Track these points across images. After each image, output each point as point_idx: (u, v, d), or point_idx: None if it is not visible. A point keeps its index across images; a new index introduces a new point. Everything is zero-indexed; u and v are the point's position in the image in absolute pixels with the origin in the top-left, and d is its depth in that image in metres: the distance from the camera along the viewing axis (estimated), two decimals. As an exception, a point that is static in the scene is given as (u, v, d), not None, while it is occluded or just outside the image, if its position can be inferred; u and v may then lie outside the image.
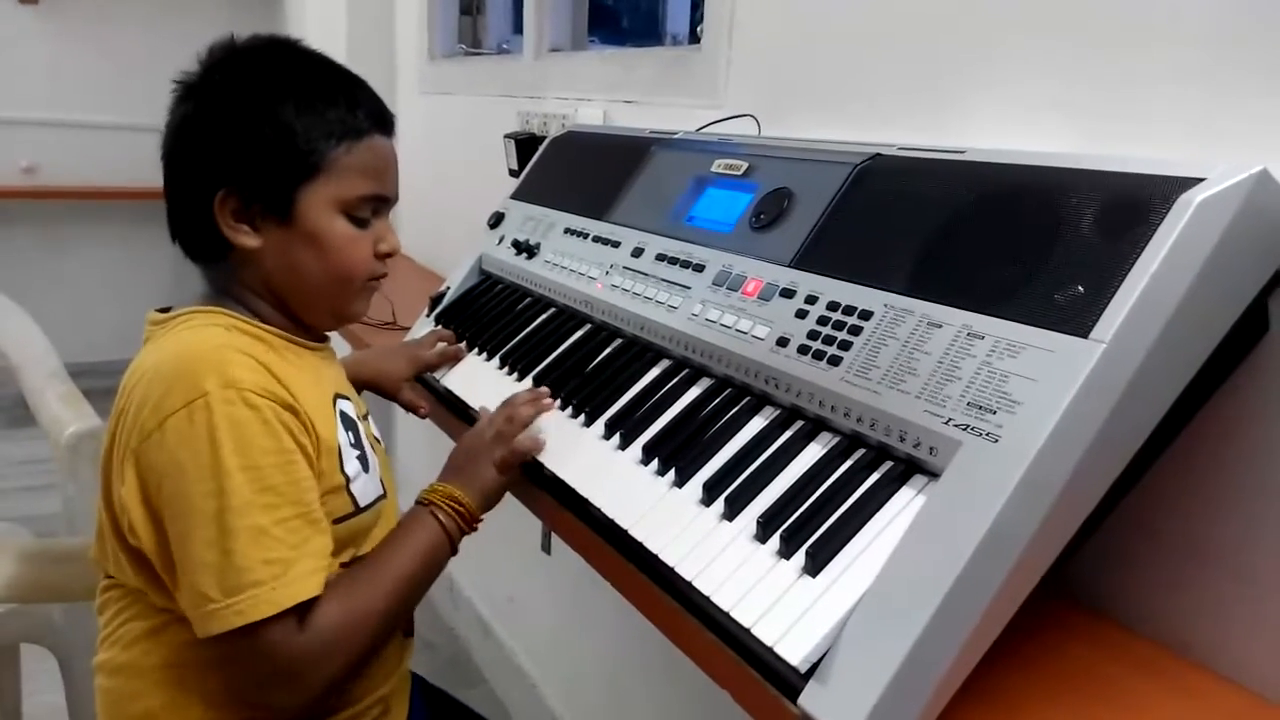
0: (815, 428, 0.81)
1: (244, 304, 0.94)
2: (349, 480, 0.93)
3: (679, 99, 1.47)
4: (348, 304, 0.97)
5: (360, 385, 1.16)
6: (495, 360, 1.21)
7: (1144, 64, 0.82)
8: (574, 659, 2.03)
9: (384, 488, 1.00)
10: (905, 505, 0.70)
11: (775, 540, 0.72)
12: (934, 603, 0.61)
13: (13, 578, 1.34)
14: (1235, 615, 0.75)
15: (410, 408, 1.23)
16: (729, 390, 0.90)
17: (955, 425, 0.67)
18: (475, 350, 1.25)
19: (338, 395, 0.97)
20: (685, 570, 0.75)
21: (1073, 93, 0.88)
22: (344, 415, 0.96)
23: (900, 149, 0.90)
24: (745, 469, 0.80)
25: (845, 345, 0.78)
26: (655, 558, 0.78)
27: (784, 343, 0.84)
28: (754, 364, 0.86)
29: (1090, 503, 0.67)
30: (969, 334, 0.70)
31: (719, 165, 1.08)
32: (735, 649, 0.68)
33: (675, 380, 0.96)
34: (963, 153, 0.83)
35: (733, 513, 0.77)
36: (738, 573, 0.72)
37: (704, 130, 1.28)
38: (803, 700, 0.63)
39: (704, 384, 0.94)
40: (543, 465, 0.97)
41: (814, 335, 0.82)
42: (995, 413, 0.65)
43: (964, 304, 0.72)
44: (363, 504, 0.95)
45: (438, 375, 1.26)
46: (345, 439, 0.94)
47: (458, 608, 2.57)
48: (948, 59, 1.02)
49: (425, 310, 1.41)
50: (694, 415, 0.90)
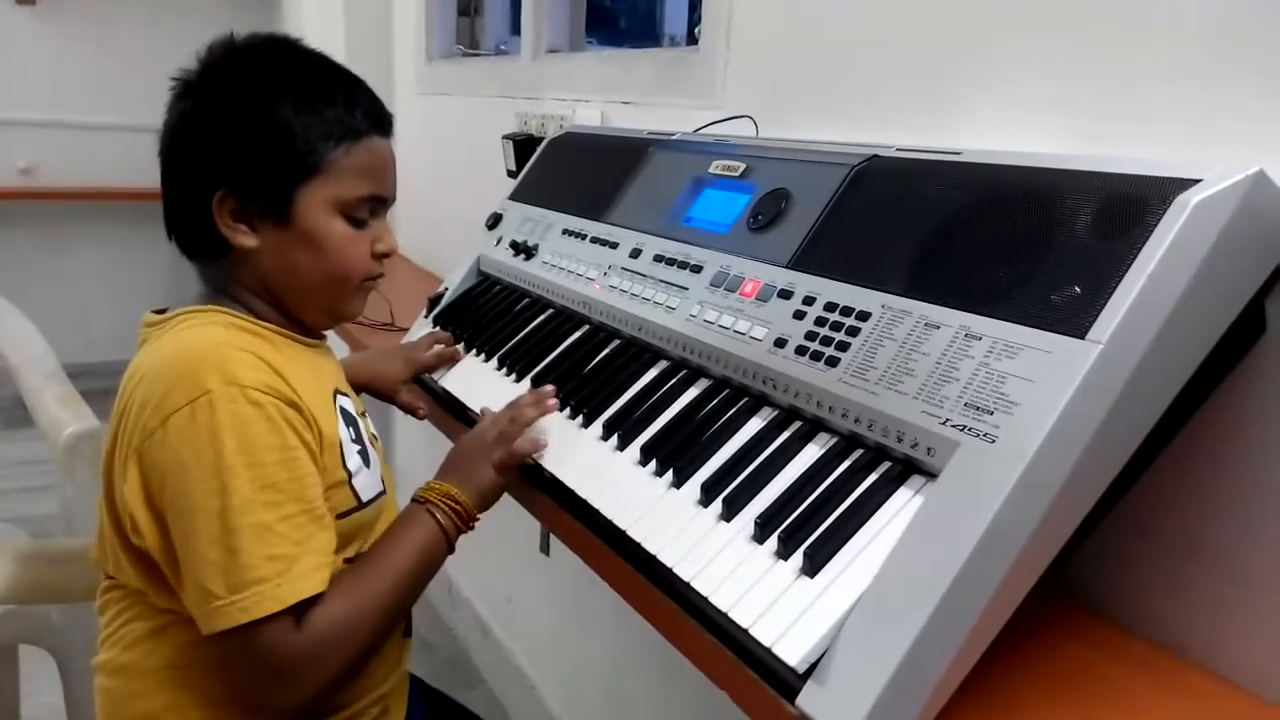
0: (813, 428, 0.81)
1: (241, 303, 0.94)
2: (351, 475, 0.93)
3: (677, 100, 1.47)
4: (344, 304, 0.98)
5: (357, 387, 1.16)
6: (493, 361, 1.21)
7: (1144, 64, 0.82)
8: (573, 660, 2.03)
9: (384, 485, 1.01)
10: (903, 506, 0.70)
11: (773, 541, 0.72)
12: (932, 603, 0.61)
13: (11, 579, 1.34)
14: (1232, 615, 0.75)
15: (409, 409, 1.23)
16: (727, 391, 0.90)
17: (953, 426, 0.67)
18: (473, 351, 1.25)
19: (337, 391, 0.97)
20: (683, 571, 0.75)
21: (1072, 93, 0.88)
22: (344, 411, 0.96)
23: (898, 150, 0.90)
24: (743, 469, 0.81)
25: (843, 346, 0.78)
26: (654, 558, 0.78)
27: (782, 343, 0.84)
28: (752, 365, 0.86)
29: (1088, 503, 0.67)
30: (966, 335, 0.70)
31: (717, 166, 1.08)
32: (733, 649, 0.68)
33: (673, 381, 0.96)
34: (959, 154, 0.83)
35: (731, 513, 0.77)
36: (736, 573, 0.72)
37: (702, 131, 1.28)
38: (801, 701, 0.63)
39: (702, 385, 0.94)
40: (541, 466, 0.97)
41: (812, 336, 0.82)
42: (993, 413, 0.65)
43: (961, 305, 0.72)
44: (365, 499, 0.95)
45: (436, 376, 1.26)
46: (346, 434, 0.94)
47: (456, 608, 2.57)
48: (947, 59, 1.02)
49: (423, 311, 1.41)
50: (692, 416, 0.90)
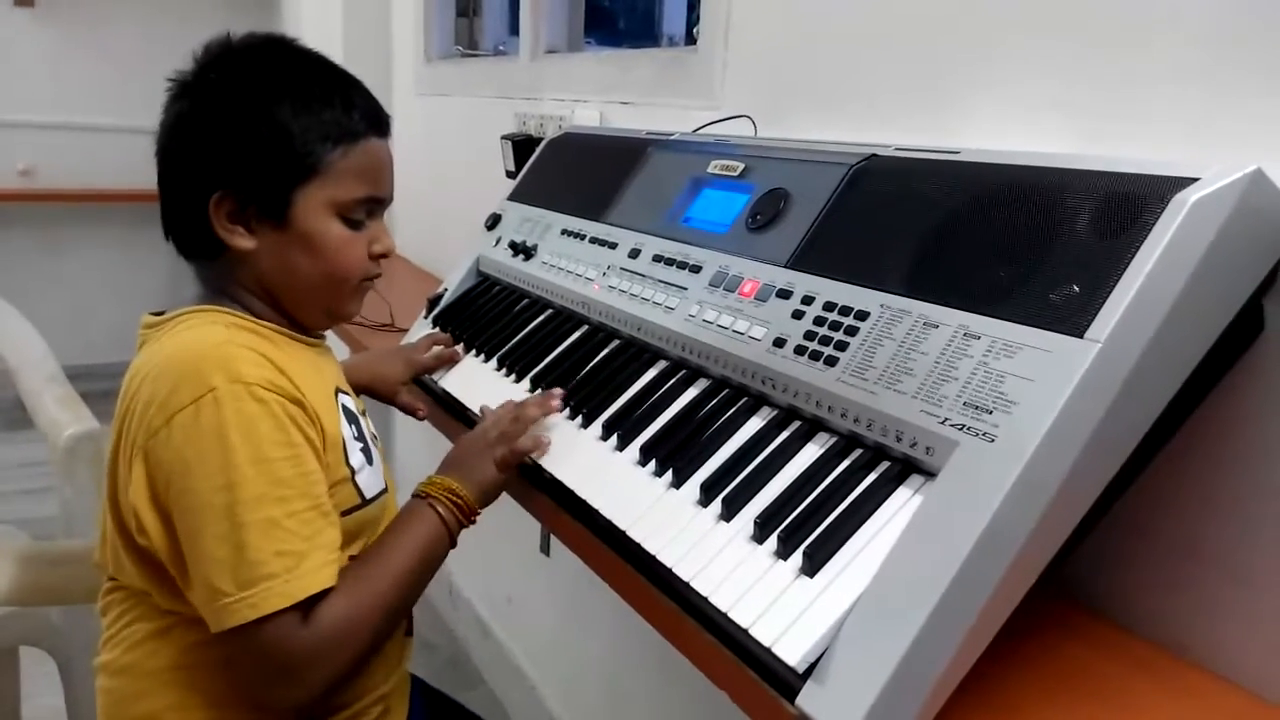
0: (812, 428, 0.81)
1: (239, 303, 0.94)
2: (354, 473, 0.93)
3: (675, 100, 1.47)
4: (342, 304, 0.98)
5: (357, 389, 1.16)
6: (493, 362, 1.21)
7: (1144, 64, 0.82)
8: (573, 660, 2.03)
9: (385, 483, 1.01)
10: (902, 505, 0.70)
11: (773, 540, 0.72)
12: (931, 602, 0.61)
13: (11, 580, 1.34)
14: (1231, 615, 0.75)
15: (408, 410, 1.23)
16: (726, 391, 0.90)
17: (952, 425, 0.67)
18: (473, 352, 1.25)
19: (338, 389, 0.97)
20: (683, 571, 0.75)
21: (1072, 93, 0.88)
22: (345, 409, 0.96)
23: (896, 149, 0.90)
24: (742, 469, 0.81)
25: (842, 345, 0.78)
26: (653, 558, 0.78)
27: (781, 343, 0.84)
28: (751, 364, 0.86)
29: (1086, 502, 0.67)
30: (965, 334, 0.70)
31: (715, 166, 1.08)
32: (733, 649, 0.68)
33: (672, 381, 0.96)
34: (958, 153, 0.83)
35: (730, 513, 0.77)
36: (735, 573, 0.72)
37: (700, 131, 1.28)
38: (800, 700, 0.63)
39: (701, 385, 0.94)
40: (541, 466, 0.97)
41: (811, 336, 0.82)
42: (992, 412, 0.65)
43: (960, 304, 0.72)
44: (368, 496, 0.95)
45: (435, 377, 1.26)
46: (349, 432, 0.94)
47: (457, 609, 2.57)
48: (946, 59, 1.02)
49: (423, 312, 1.41)
50: (691, 416, 0.90)
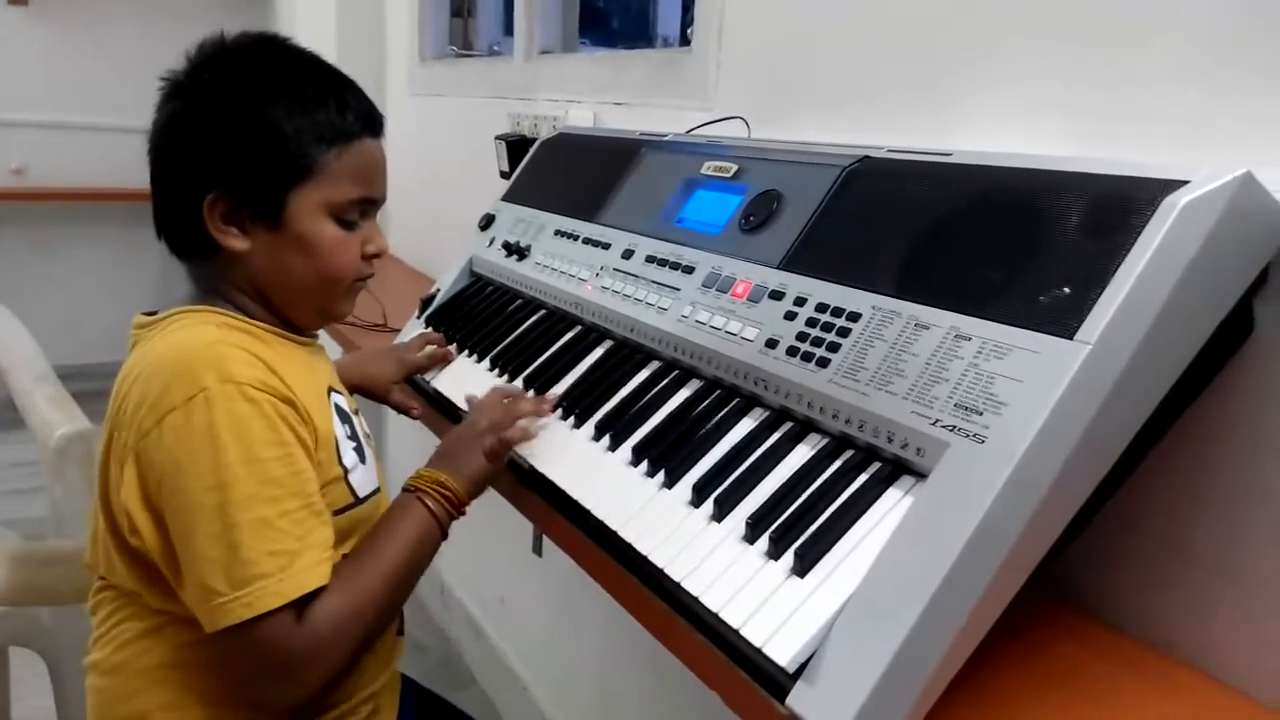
0: (804, 429, 0.81)
1: (232, 302, 0.94)
2: (347, 472, 0.93)
3: (669, 101, 1.48)
4: (335, 304, 0.98)
5: (349, 388, 1.16)
6: (486, 362, 1.21)
7: (1143, 64, 0.83)
8: (565, 660, 2.03)
9: (379, 481, 1.00)
10: (893, 506, 0.70)
11: (764, 541, 0.72)
12: (921, 603, 0.61)
13: (1, 581, 1.33)
14: (1221, 614, 0.76)
15: (402, 409, 1.23)
16: (718, 392, 0.91)
17: (943, 426, 0.67)
18: (465, 352, 1.25)
19: (331, 389, 0.97)
20: (674, 571, 0.76)
21: (1072, 93, 0.89)
22: (338, 408, 0.96)
23: (889, 151, 0.90)
24: (734, 470, 0.81)
25: (834, 347, 0.78)
26: (645, 559, 0.78)
27: (773, 344, 0.84)
28: (743, 365, 0.86)
29: (1076, 503, 0.67)
30: (956, 335, 0.70)
31: (708, 167, 1.09)
32: (724, 650, 0.68)
33: (665, 382, 0.96)
34: (950, 155, 0.84)
35: (722, 514, 0.78)
36: (726, 574, 0.72)
37: (694, 132, 1.28)
38: (791, 700, 0.63)
39: (693, 385, 0.94)
40: (533, 467, 0.97)
41: (803, 337, 0.82)
42: (982, 414, 0.65)
43: (951, 306, 0.72)
44: (361, 495, 0.95)
45: (428, 377, 1.26)
46: (341, 431, 0.94)
47: (449, 609, 2.57)
48: (943, 59, 1.02)
49: (416, 312, 1.41)
50: (683, 417, 0.90)
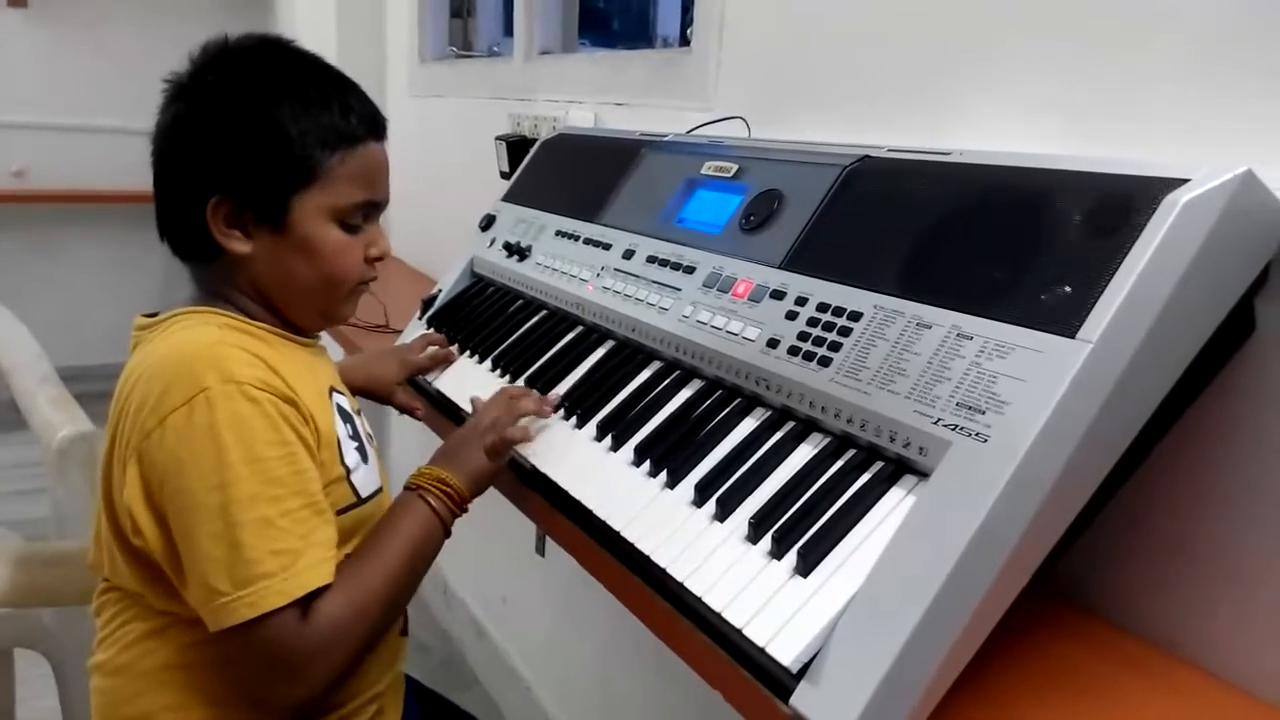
0: (806, 429, 0.81)
1: (234, 304, 0.94)
2: (349, 471, 0.93)
3: (669, 101, 1.48)
4: (337, 307, 0.98)
5: (352, 390, 1.16)
6: (487, 363, 1.21)
7: (1143, 64, 0.83)
8: (568, 660, 2.03)
9: (381, 481, 1.01)
10: (895, 505, 0.70)
11: (766, 541, 0.72)
12: (924, 602, 0.61)
13: (4, 582, 1.33)
14: (1223, 613, 0.76)
15: (406, 409, 1.23)
16: (720, 392, 0.91)
17: (945, 425, 0.67)
18: (467, 353, 1.25)
19: (332, 389, 0.97)
20: (677, 571, 0.76)
21: (1071, 93, 0.89)
22: (340, 408, 0.96)
23: (889, 151, 0.90)
24: (736, 470, 0.81)
25: (835, 346, 0.79)
26: (647, 559, 0.79)
27: (774, 344, 0.84)
28: (745, 365, 0.86)
29: (1079, 502, 0.67)
30: (958, 335, 0.70)
31: (709, 167, 1.09)
32: (727, 649, 0.69)
33: (666, 382, 0.96)
34: (950, 154, 0.84)
35: (724, 514, 0.78)
36: (729, 573, 0.72)
37: (694, 132, 1.28)
38: (794, 700, 0.63)
39: (695, 385, 0.94)
40: (535, 467, 0.97)
41: (804, 336, 0.82)
42: (984, 413, 0.65)
43: (953, 305, 0.72)
44: (364, 495, 0.95)
45: (430, 378, 1.26)
46: (344, 431, 0.94)
47: (452, 609, 2.57)
48: (943, 59, 1.02)
49: (417, 313, 1.41)
50: (685, 417, 0.90)
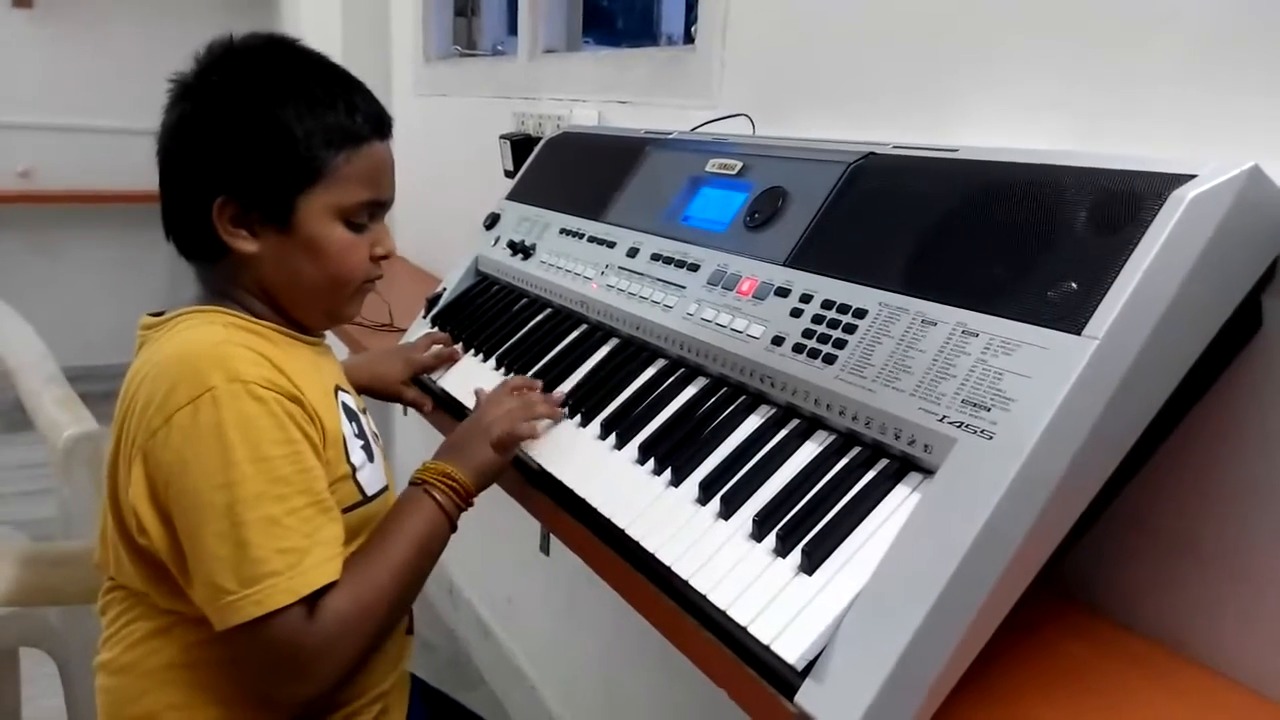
0: (810, 426, 0.81)
1: (240, 303, 0.94)
2: (355, 470, 0.93)
3: (673, 99, 1.47)
4: (343, 306, 0.98)
5: (357, 389, 1.16)
6: (492, 361, 1.21)
7: (1143, 63, 0.82)
8: (573, 659, 2.03)
9: (386, 480, 1.01)
10: (900, 503, 0.70)
11: (771, 538, 0.72)
12: (929, 600, 0.61)
13: (11, 582, 1.34)
14: (1230, 612, 0.75)
15: (416, 404, 1.23)
16: (724, 389, 0.91)
17: (950, 423, 0.67)
18: (472, 351, 1.25)
19: (338, 388, 0.97)
20: (682, 569, 0.76)
21: (1072, 92, 0.88)
22: (345, 407, 0.96)
23: (894, 148, 0.90)
24: (741, 467, 0.81)
25: (840, 343, 0.78)
26: (652, 557, 0.78)
27: (779, 341, 0.84)
28: (749, 363, 0.86)
29: (1085, 499, 0.67)
30: (963, 331, 0.70)
31: (713, 165, 1.08)
32: (732, 647, 0.68)
33: (671, 379, 0.96)
34: (956, 151, 0.83)
35: (729, 511, 0.77)
36: (734, 571, 0.72)
37: (698, 130, 1.28)
38: (799, 698, 0.63)
39: (700, 383, 0.94)
40: (540, 465, 0.97)
41: (809, 334, 0.82)
42: (990, 410, 0.65)
43: (958, 302, 0.72)
44: (370, 493, 0.95)
45: (434, 377, 1.26)
46: (349, 429, 0.94)
47: (457, 609, 2.57)
48: (945, 58, 1.02)
49: (422, 312, 1.41)
50: (690, 414, 0.90)
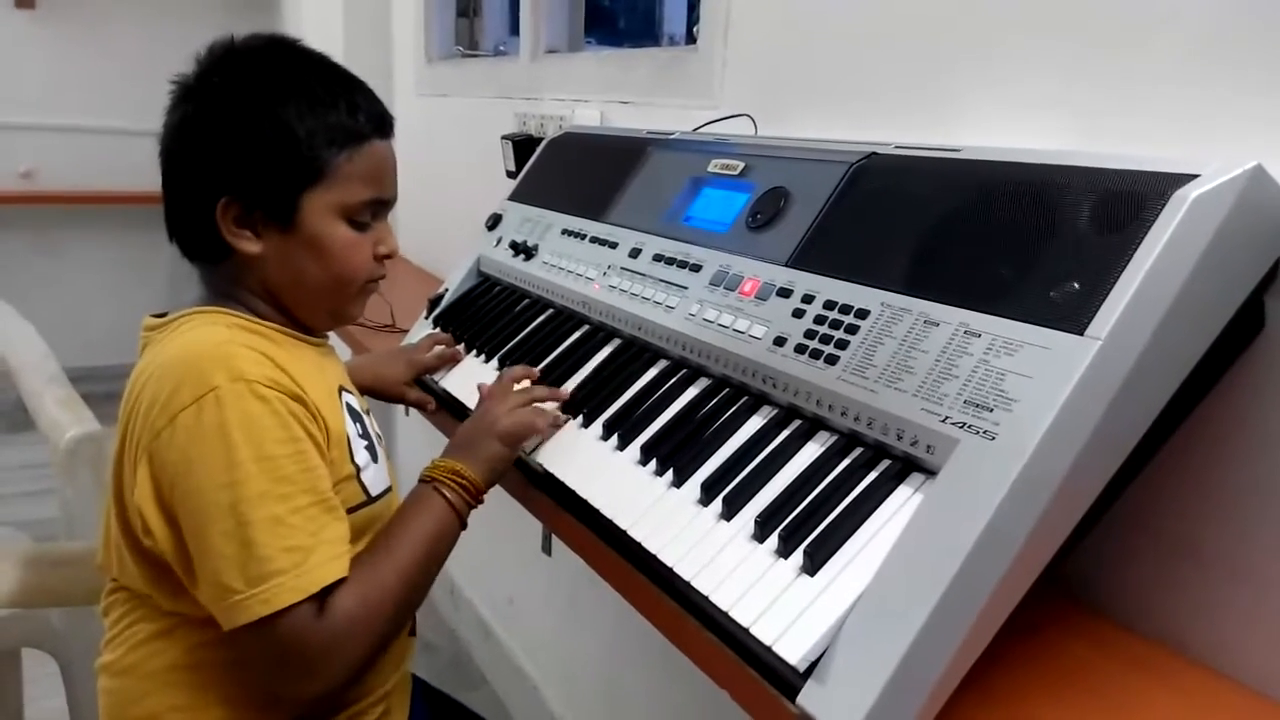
0: (813, 427, 0.81)
1: (243, 304, 0.94)
2: (359, 470, 0.93)
3: (675, 99, 1.47)
4: (347, 306, 0.98)
5: (360, 390, 1.16)
6: (494, 362, 1.21)
7: (1143, 63, 0.82)
8: (574, 660, 2.03)
9: (390, 480, 1.01)
10: (903, 504, 0.70)
11: (774, 539, 0.72)
12: (932, 601, 0.61)
13: (13, 582, 1.34)
14: (1232, 613, 0.75)
15: (418, 405, 1.23)
16: (726, 390, 0.90)
17: (952, 423, 0.67)
18: (474, 352, 1.25)
19: (341, 388, 0.97)
20: (684, 570, 0.75)
21: (1072, 91, 0.88)
22: (349, 407, 0.96)
23: (896, 148, 0.90)
24: (743, 468, 0.81)
25: (842, 344, 0.78)
26: (654, 558, 0.78)
27: (781, 342, 0.84)
28: (751, 363, 0.86)
29: (1087, 500, 0.67)
30: (966, 332, 0.70)
31: (715, 165, 1.08)
32: (734, 648, 0.68)
33: (673, 380, 0.96)
34: (958, 151, 0.83)
35: (731, 512, 0.77)
36: (736, 572, 0.72)
37: (700, 130, 1.28)
38: (801, 699, 0.63)
39: (702, 384, 0.94)
40: (542, 466, 0.97)
41: (811, 334, 0.82)
42: (992, 410, 0.65)
43: (960, 302, 0.72)
44: (374, 493, 0.95)
45: (437, 377, 1.26)
46: (353, 430, 0.94)
47: (459, 609, 2.58)
48: (946, 58, 1.02)
49: (424, 312, 1.41)
50: (692, 415, 0.90)
